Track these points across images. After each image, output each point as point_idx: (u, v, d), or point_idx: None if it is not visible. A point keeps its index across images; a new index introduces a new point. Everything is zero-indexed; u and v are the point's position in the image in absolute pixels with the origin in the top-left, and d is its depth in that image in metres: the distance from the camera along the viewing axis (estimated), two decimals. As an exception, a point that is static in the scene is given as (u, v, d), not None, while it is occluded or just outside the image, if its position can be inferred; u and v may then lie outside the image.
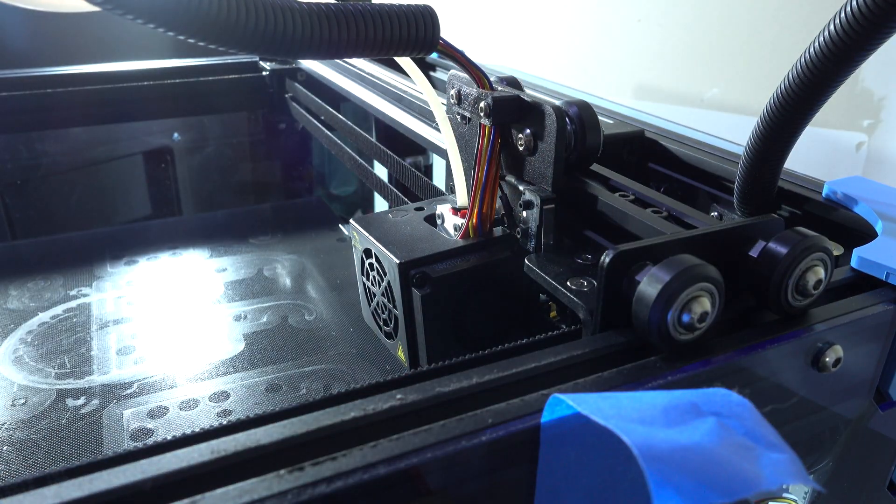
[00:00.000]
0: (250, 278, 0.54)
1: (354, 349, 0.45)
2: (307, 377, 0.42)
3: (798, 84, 0.24)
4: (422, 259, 0.29)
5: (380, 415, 0.19)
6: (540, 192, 0.29)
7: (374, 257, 0.32)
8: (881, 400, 0.27)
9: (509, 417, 0.19)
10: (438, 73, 0.60)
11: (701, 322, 0.21)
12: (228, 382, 0.41)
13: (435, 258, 0.29)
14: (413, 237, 0.31)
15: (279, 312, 0.49)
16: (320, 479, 0.17)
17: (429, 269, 0.29)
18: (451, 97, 0.33)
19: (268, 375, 0.42)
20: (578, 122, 0.32)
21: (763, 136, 0.27)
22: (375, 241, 0.31)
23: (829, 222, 0.31)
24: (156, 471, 0.17)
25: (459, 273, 0.29)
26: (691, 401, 0.18)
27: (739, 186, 0.29)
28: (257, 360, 0.43)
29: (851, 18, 0.22)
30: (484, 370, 0.21)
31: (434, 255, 0.29)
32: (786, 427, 0.24)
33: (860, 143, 0.61)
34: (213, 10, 0.20)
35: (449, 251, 0.30)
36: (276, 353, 0.44)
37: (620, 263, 0.23)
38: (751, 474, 0.16)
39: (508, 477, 0.19)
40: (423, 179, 0.47)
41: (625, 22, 0.81)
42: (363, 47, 0.24)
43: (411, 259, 0.29)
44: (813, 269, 0.23)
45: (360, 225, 0.33)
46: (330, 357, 0.44)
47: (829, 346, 0.24)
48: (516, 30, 1.01)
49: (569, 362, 0.22)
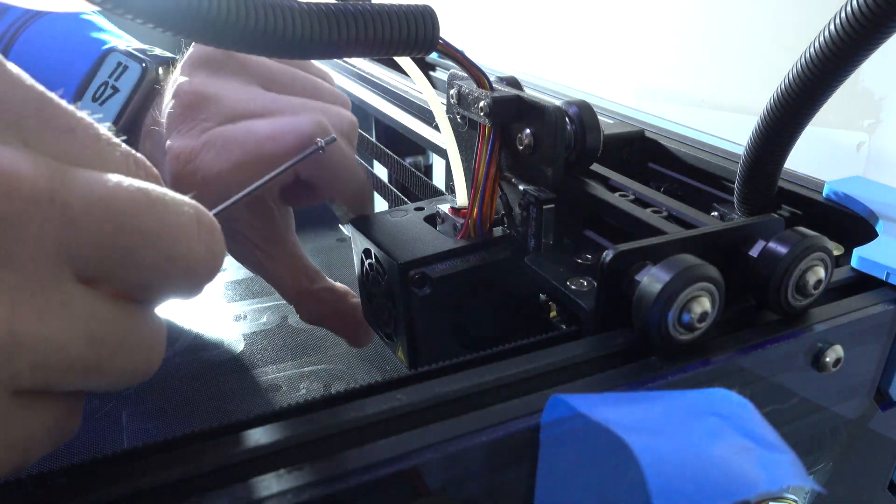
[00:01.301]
0: (250, 278, 0.54)
1: (354, 349, 0.44)
2: (307, 377, 0.42)
3: (798, 83, 0.24)
4: (421, 259, 0.29)
5: (380, 415, 0.19)
6: (540, 191, 0.29)
7: (373, 258, 0.31)
8: (881, 400, 0.27)
9: (509, 417, 0.19)
10: (438, 73, 0.60)
11: (701, 322, 0.21)
12: (227, 382, 0.41)
13: (435, 258, 0.29)
14: (413, 237, 0.31)
15: (279, 312, 0.49)
16: (320, 479, 0.17)
17: (428, 269, 0.29)
18: (451, 97, 0.33)
19: (267, 375, 0.42)
20: (578, 121, 0.32)
21: (763, 136, 0.27)
22: (375, 241, 0.31)
23: (829, 222, 0.31)
24: (155, 471, 0.17)
25: (459, 273, 0.29)
26: (691, 401, 0.18)
27: (740, 186, 0.29)
28: (257, 360, 0.43)
29: (852, 18, 0.22)
30: (484, 370, 0.21)
31: (434, 255, 0.29)
32: (786, 427, 0.24)
33: (861, 143, 0.61)
34: (213, 10, 0.20)
35: (449, 251, 0.30)
36: (276, 353, 0.44)
37: (620, 263, 0.23)
38: (750, 475, 0.16)
39: (508, 477, 0.19)
40: (423, 179, 0.47)
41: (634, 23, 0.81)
42: (363, 47, 0.24)
43: (411, 260, 0.29)
44: (813, 268, 0.23)
45: (360, 225, 0.33)
46: (330, 357, 0.44)
47: (829, 346, 0.24)
48: (532, 35, 1.01)
49: (569, 362, 0.22)
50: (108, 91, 0.42)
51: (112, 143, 0.17)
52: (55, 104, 0.16)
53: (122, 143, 0.18)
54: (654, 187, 0.38)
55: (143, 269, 0.16)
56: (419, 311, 0.29)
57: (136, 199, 0.16)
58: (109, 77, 0.42)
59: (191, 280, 0.17)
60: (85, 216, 0.15)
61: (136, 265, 0.16)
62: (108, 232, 0.15)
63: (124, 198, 0.16)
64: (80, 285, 0.15)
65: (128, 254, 0.16)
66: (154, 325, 0.18)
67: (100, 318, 0.16)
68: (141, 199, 0.16)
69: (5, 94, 0.15)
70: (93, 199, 0.15)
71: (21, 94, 0.15)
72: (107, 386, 0.16)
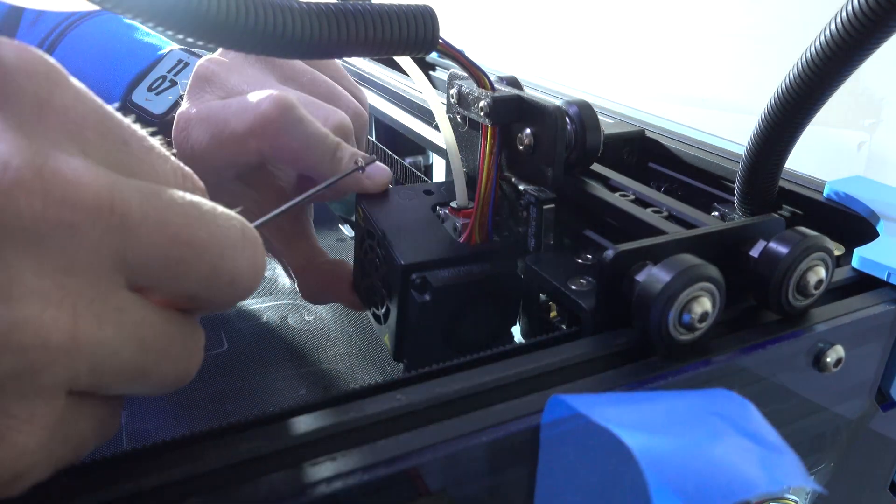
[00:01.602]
0: (250, 278, 0.54)
1: (354, 349, 0.44)
2: (307, 377, 0.42)
3: (799, 83, 0.24)
4: (425, 263, 0.29)
5: (380, 415, 0.19)
6: (540, 191, 0.29)
7: (376, 241, 0.31)
8: (882, 400, 0.27)
9: (509, 418, 0.19)
10: (438, 73, 0.60)
11: (701, 322, 0.21)
12: (227, 383, 0.41)
13: (438, 264, 0.29)
14: (418, 232, 0.31)
15: (279, 312, 0.49)
16: (320, 479, 0.17)
17: (431, 275, 0.29)
18: (451, 97, 0.33)
19: (268, 376, 0.42)
20: (579, 121, 0.32)
21: (764, 135, 0.27)
22: (380, 229, 0.31)
23: (830, 222, 0.31)
24: (155, 472, 0.17)
25: (462, 285, 0.29)
26: (692, 402, 0.18)
27: (740, 186, 0.29)
28: (257, 361, 0.43)
29: (853, 17, 0.22)
30: (484, 370, 0.21)
31: (438, 260, 0.29)
32: (786, 428, 0.24)
33: (861, 143, 0.61)
34: (213, 9, 0.20)
35: (453, 258, 0.29)
36: (276, 353, 0.44)
37: (620, 263, 0.23)
38: (751, 476, 0.16)
39: (508, 477, 0.19)
40: (424, 179, 0.47)
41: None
42: (363, 47, 0.24)
43: (414, 262, 0.29)
44: (814, 268, 0.23)
45: (367, 205, 0.33)
46: (330, 357, 0.44)
47: (829, 346, 0.24)
48: (531, 35, 1.01)
49: (569, 363, 0.22)
50: (166, 84, 0.43)
51: (163, 155, 0.18)
52: (112, 117, 0.17)
53: (172, 157, 0.18)
54: (655, 187, 0.38)
55: (191, 279, 0.17)
56: (415, 314, 0.29)
57: (189, 212, 0.16)
58: (168, 72, 0.44)
59: (233, 292, 0.18)
60: (142, 227, 0.15)
61: (185, 275, 0.17)
62: (163, 243, 0.16)
63: (178, 210, 0.16)
64: (132, 293, 0.16)
65: (179, 264, 0.16)
66: (195, 334, 0.18)
67: (149, 326, 0.16)
68: (193, 213, 0.17)
69: (69, 107, 0.16)
70: (149, 210, 0.16)
71: (82, 107, 0.16)
72: (148, 390, 0.17)
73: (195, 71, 0.35)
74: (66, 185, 0.14)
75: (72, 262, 0.15)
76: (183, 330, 0.18)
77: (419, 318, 0.29)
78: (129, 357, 0.16)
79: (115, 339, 0.15)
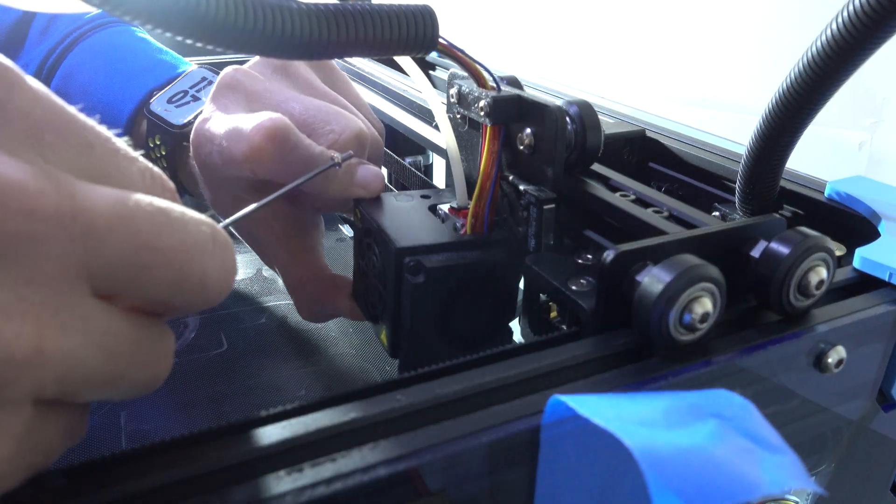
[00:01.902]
0: (249, 278, 0.54)
1: (354, 350, 0.44)
2: (307, 378, 0.42)
3: (800, 83, 0.24)
4: (419, 247, 0.29)
5: (379, 415, 0.19)
6: (540, 191, 0.29)
7: (372, 237, 0.32)
8: (884, 401, 0.27)
9: (509, 418, 0.19)
10: (438, 73, 0.60)
11: (702, 322, 0.21)
12: (227, 383, 0.41)
13: (432, 248, 0.29)
14: (414, 224, 0.31)
15: (279, 312, 0.49)
16: (319, 480, 0.17)
17: (425, 258, 0.29)
18: (452, 96, 0.33)
19: (267, 376, 0.42)
20: (579, 121, 0.32)
21: (765, 135, 0.27)
22: (376, 222, 0.31)
23: (831, 222, 0.31)
24: (154, 472, 0.17)
25: (455, 267, 0.29)
26: (692, 402, 0.18)
27: (741, 186, 0.29)
28: (256, 361, 0.43)
29: (854, 17, 0.22)
30: (484, 370, 0.21)
31: (432, 245, 0.30)
32: (787, 428, 0.24)
33: (862, 143, 0.61)
34: (212, 10, 0.20)
35: (448, 244, 0.30)
36: (276, 353, 0.44)
37: (621, 263, 0.23)
38: (752, 477, 0.16)
39: (508, 478, 0.19)
40: (423, 179, 0.47)
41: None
42: (363, 47, 0.24)
43: (409, 246, 0.29)
44: (815, 269, 0.23)
45: (365, 205, 0.33)
46: (330, 357, 0.44)
47: (831, 346, 0.24)
48: (531, 35, 1.01)
49: (569, 363, 0.21)
50: (187, 98, 0.44)
51: (130, 157, 0.17)
52: (75, 119, 0.16)
53: (140, 157, 0.18)
54: (655, 187, 0.38)
55: (159, 285, 0.16)
56: (409, 298, 0.29)
57: (156, 219, 0.16)
58: (191, 87, 0.44)
59: (204, 296, 0.18)
60: (107, 235, 0.15)
61: (153, 282, 0.16)
62: (129, 251, 0.15)
63: (145, 217, 0.16)
64: (97, 300, 0.16)
65: (146, 271, 0.16)
66: (164, 338, 0.18)
67: (116, 333, 0.16)
68: (161, 219, 0.16)
69: (26, 110, 0.15)
70: (114, 218, 0.15)
71: (41, 110, 0.16)
72: (117, 397, 0.17)
73: (219, 79, 0.36)
74: (25, 194, 0.14)
75: (34, 272, 0.14)
76: (151, 335, 0.17)
77: (413, 301, 0.29)
78: (97, 365, 0.15)
79: (82, 348, 0.15)
